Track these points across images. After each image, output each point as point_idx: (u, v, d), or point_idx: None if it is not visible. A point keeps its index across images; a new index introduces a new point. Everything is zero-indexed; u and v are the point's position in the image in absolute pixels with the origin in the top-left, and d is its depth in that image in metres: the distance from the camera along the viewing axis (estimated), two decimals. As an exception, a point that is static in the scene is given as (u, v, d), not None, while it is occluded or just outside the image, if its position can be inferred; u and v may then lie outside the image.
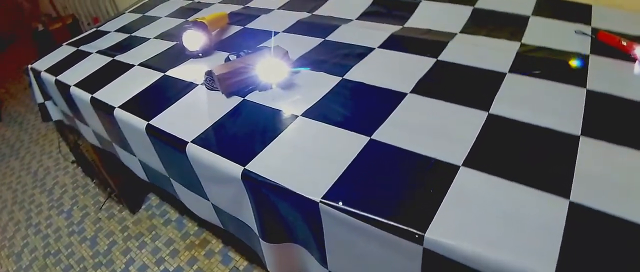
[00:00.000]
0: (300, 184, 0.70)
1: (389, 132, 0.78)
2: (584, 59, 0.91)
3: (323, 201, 0.66)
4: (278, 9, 1.44)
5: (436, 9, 1.21)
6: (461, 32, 1.08)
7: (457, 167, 0.68)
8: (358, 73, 0.97)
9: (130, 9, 1.72)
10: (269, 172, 0.73)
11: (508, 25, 1.08)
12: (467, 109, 0.81)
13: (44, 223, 1.92)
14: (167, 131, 0.90)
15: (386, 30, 1.14)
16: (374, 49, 1.06)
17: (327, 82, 0.96)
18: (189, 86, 1.06)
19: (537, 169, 0.67)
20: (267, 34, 1.25)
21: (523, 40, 1.01)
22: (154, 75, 1.14)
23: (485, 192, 0.64)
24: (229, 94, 0.98)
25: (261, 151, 0.79)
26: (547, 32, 1.04)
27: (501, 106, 0.81)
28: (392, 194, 0.66)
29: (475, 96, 0.84)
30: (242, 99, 0.96)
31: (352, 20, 1.24)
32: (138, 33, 1.45)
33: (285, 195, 0.71)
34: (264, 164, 0.76)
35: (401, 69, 0.97)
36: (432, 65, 0.96)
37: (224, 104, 0.95)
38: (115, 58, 1.29)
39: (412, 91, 0.88)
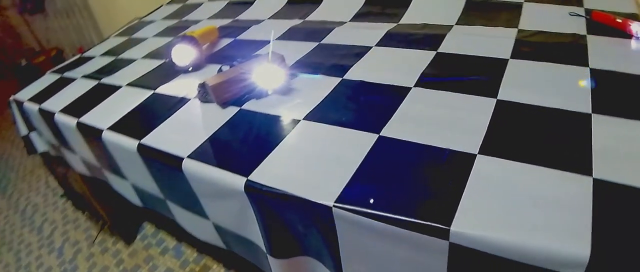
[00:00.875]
0: (310, 189, 0.66)
1: (398, 128, 0.75)
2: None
3: (337, 204, 0.62)
4: (268, 19, 1.42)
5: (430, 4, 1.20)
6: (457, 23, 1.07)
7: (473, 156, 0.65)
8: (358, 72, 0.94)
9: (116, 33, 1.69)
10: (274, 181, 0.69)
11: (503, 13, 1.07)
12: (474, 98, 0.79)
13: (35, 264, 1.84)
14: (161, 149, 0.86)
15: (381, 28, 1.12)
16: (371, 47, 1.04)
17: (326, 84, 0.93)
18: (181, 101, 1.02)
19: (555, 149, 0.64)
20: (259, 43, 1.22)
21: (520, 26, 1.00)
22: (143, 94, 1.10)
23: (507, 178, 0.60)
24: (224, 105, 0.94)
25: (263, 159, 0.74)
26: (542, 17, 1.02)
27: (508, 91, 0.79)
28: (409, 190, 0.62)
29: (481, 84, 0.82)
30: (239, 108, 0.92)
31: (345, 22, 1.22)
32: (124, 55, 1.42)
33: (294, 203, 0.67)
34: (267, 172, 0.72)
35: (402, 64, 0.94)
36: (433, 58, 0.94)
37: (220, 115, 0.91)
38: (101, 81, 1.25)
39: (416, 85, 0.85)
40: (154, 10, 1.91)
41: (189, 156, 0.81)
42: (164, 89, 1.10)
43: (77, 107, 1.12)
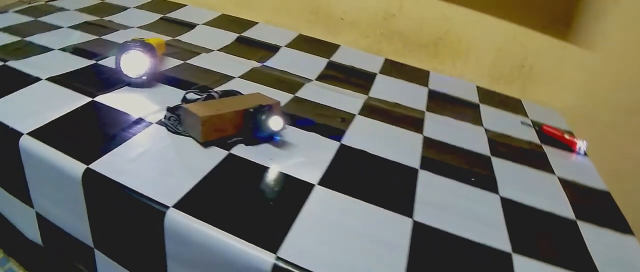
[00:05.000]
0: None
1: (426, 213, 0.64)
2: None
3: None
4: (218, 50, 1.19)
5: (394, 84, 1.14)
6: (427, 110, 1.02)
7: (509, 255, 0.60)
8: (354, 140, 0.81)
9: (15, 9, 1.23)
10: (315, 265, 0.51)
11: (466, 109, 1.07)
12: (479, 191, 0.74)
13: None
14: (130, 187, 0.59)
15: (355, 96, 1.02)
16: (355, 115, 0.92)
17: (325, 145, 0.78)
18: (138, 123, 0.74)
19: (567, 251, 0.64)
20: (218, 76, 1.00)
21: (485, 126, 1.00)
22: (77, 99, 0.79)
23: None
24: (207, 144, 0.70)
25: (288, 231, 0.55)
26: (499, 120, 1.05)
27: (507, 190, 0.76)
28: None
29: (479, 178, 0.77)
30: (227, 152, 0.70)
31: (312, 80, 1.08)
32: (34, 39, 1.03)
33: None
34: (301, 250, 0.53)
35: (396, 141, 0.86)
36: (423, 141, 0.87)
37: (203, 157, 0.68)
38: (7, 63, 0.87)
39: (422, 168, 0.77)
40: (61, -4, 1.48)
41: (175, 206, 0.56)
42: (107, 100, 0.80)
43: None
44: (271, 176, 0.67)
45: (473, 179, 0.76)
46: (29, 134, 0.67)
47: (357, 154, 0.77)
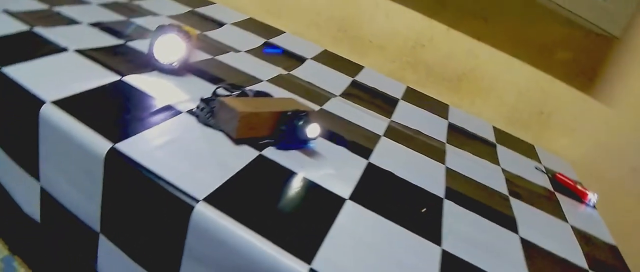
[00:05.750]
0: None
1: (454, 244, 0.62)
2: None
3: None
4: (245, 52, 1.16)
5: (415, 113, 1.12)
6: (448, 143, 1.00)
7: None
8: (381, 160, 0.79)
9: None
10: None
11: (483, 147, 1.05)
12: (500, 229, 0.71)
13: None
14: (160, 175, 0.54)
15: (379, 118, 1.00)
16: (380, 136, 0.90)
17: (354, 161, 0.75)
18: (167, 110, 0.70)
19: None
20: (246, 76, 0.96)
21: (501, 166, 0.98)
22: (105, 75, 0.75)
23: None
24: (239, 141, 0.66)
25: (322, 242, 0.52)
26: (514, 163, 1.03)
27: (525, 232, 0.73)
28: None
29: (499, 216, 0.75)
30: (258, 153, 0.66)
31: (336, 95, 1.05)
32: (63, 10, 0.98)
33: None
34: (334, 264, 0.49)
35: (420, 167, 0.83)
36: (446, 172, 0.84)
37: (234, 153, 0.64)
38: (34, 29, 0.82)
39: (446, 198, 0.74)
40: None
41: (206, 199, 0.52)
42: (136, 81, 0.76)
43: None
44: (302, 184, 0.63)
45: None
46: (53, 103, 0.62)
47: (384, 175, 0.74)
